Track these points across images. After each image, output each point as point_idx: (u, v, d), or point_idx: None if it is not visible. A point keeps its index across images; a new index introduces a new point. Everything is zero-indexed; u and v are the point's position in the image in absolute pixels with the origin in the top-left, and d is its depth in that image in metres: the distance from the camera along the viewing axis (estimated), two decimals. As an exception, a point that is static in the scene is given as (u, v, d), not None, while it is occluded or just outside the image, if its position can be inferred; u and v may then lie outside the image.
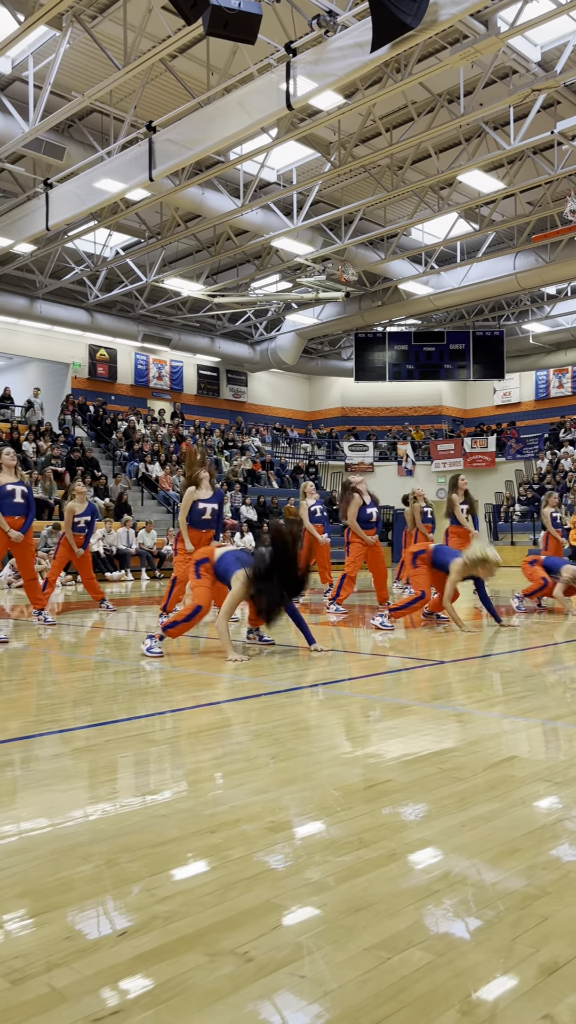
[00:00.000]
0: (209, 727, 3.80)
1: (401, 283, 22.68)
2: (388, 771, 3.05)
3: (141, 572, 18.17)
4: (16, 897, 1.98)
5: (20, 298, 22.57)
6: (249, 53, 11.72)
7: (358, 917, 1.86)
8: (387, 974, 1.61)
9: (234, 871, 2.13)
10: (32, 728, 3.83)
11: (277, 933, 1.79)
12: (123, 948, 1.73)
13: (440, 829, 2.42)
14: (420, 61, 12.33)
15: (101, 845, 2.32)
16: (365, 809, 2.61)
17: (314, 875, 2.09)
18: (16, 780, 2.98)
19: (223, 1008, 1.50)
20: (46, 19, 10.33)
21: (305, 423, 32.45)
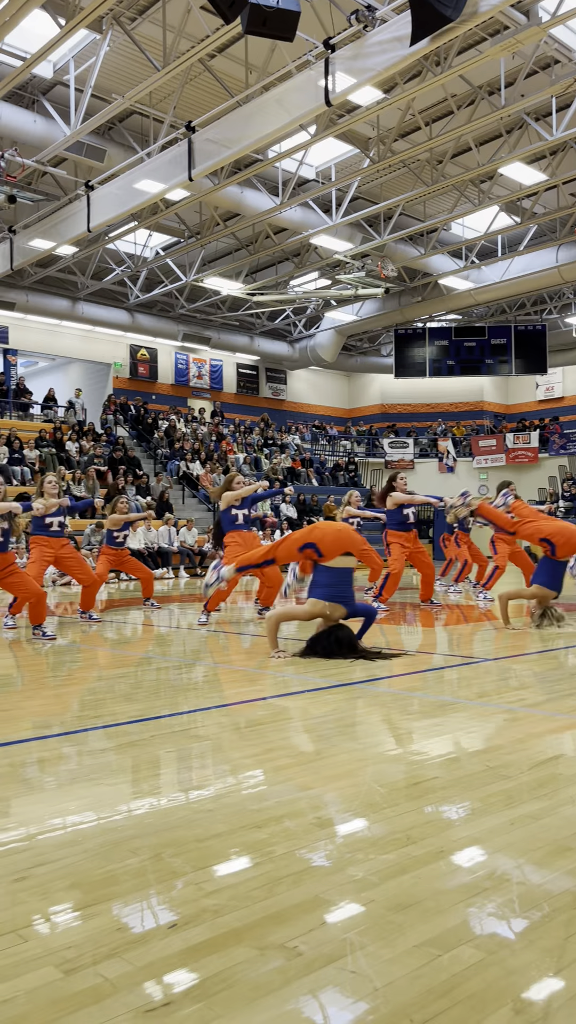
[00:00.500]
0: (253, 723, 3.81)
1: (441, 278, 22.50)
2: (433, 768, 3.03)
3: (180, 569, 18.30)
4: (67, 889, 2.01)
5: (62, 300, 22.86)
6: (287, 50, 11.72)
7: (406, 914, 1.85)
8: (438, 971, 1.60)
9: (281, 866, 2.13)
10: (78, 723, 3.87)
11: (325, 928, 1.79)
12: (173, 940, 1.74)
13: (487, 827, 2.40)
14: (460, 53, 12.22)
15: (148, 839, 2.34)
16: (411, 806, 2.59)
17: (361, 871, 2.09)
18: (64, 774, 3.02)
19: (273, 1002, 1.51)
20: (87, 22, 10.44)
21: (344, 420, 32.37)
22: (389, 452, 29.01)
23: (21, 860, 2.19)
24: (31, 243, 17.16)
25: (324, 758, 3.18)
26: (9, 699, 4.61)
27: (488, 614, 9.15)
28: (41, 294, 22.40)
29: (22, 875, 2.09)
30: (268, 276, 23.09)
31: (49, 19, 11.38)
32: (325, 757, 3.19)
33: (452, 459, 27.92)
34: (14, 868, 2.13)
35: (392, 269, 20.04)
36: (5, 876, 2.08)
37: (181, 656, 6.23)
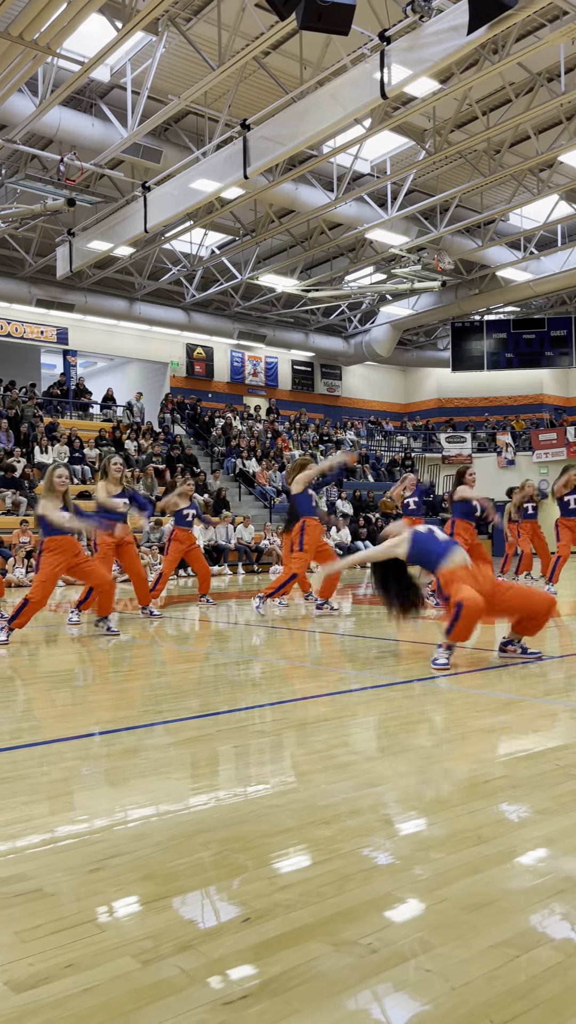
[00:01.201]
0: (317, 719, 3.81)
1: (499, 270, 22.18)
2: (502, 767, 2.99)
3: (238, 566, 18.40)
4: (140, 881, 2.04)
5: (120, 300, 23.18)
6: (342, 44, 11.68)
7: (481, 914, 1.83)
8: (516, 972, 1.58)
9: (351, 862, 2.13)
10: (142, 718, 3.92)
11: (399, 926, 1.78)
12: (247, 934, 1.75)
13: (561, 827, 2.35)
14: (518, 40, 12.01)
15: (217, 833, 2.36)
16: (480, 805, 2.56)
17: (432, 870, 2.07)
18: (131, 768, 3.06)
19: (350, 998, 1.50)
20: (143, 24, 10.55)
21: (400, 415, 32.15)
22: (446, 447, 28.71)
23: (96, 851, 2.23)
24: (90, 245, 17.44)
25: (389, 755, 3.16)
26: (75, 694, 4.70)
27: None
28: (99, 295, 22.75)
29: (97, 866, 2.13)
30: (323, 272, 23.05)
31: (106, 23, 11.52)
32: (390, 754, 3.18)
33: (511, 453, 27.50)
34: (89, 859, 2.17)
35: (448, 262, 19.83)
36: (80, 867, 2.12)
37: (239, 652, 6.27)
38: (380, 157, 16.93)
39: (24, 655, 6.44)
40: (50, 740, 3.52)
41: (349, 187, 16.80)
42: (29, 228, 18.80)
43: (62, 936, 1.75)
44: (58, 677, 5.27)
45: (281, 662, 5.73)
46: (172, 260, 22.15)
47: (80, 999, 1.51)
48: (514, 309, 26.87)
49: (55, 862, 2.17)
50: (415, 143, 15.75)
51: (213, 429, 24.66)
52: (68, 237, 18.16)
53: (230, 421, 25.26)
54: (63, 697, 4.58)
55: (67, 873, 2.09)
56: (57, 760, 3.22)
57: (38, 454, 19.34)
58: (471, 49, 10.33)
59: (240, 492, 22.41)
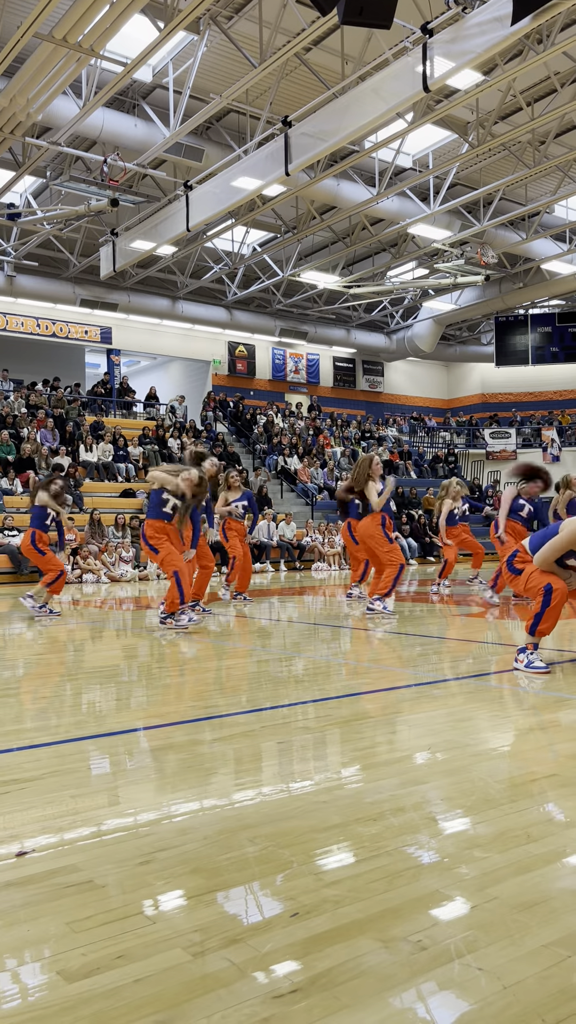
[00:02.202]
0: (362, 716, 3.80)
1: (544, 263, 21.86)
2: (551, 765, 2.95)
3: (280, 563, 18.44)
4: (188, 874, 2.05)
5: (163, 299, 23.36)
6: (384, 38, 11.61)
7: (532, 913, 1.81)
8: (569, 972, 1.56)
9: (399, 859, 2.12)
10: (188, 712, 3.95)
11: (448, 924, 1.77)
12: (296, 929, 1.75)
13: (612, 827, 2.32)
14: (563, 30, 11.83)
15: (264, 828, 2.37)
16: (529, 803, 2.53)
17: (480, 868, 2.05)
18: (180, 763, 3.09)
19: (399, 994, 1.50)
20: (184, 24, 10.59)
21: (443, 411, 31.90)
22: (490, 443, 28.42)
23: (144, 844, 2.25)
24: (133, 244, 17.59)
25: (436, 752, 3.14)
26: (121, 689, 4.75)
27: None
28: (142, 294, 22.95)
29: (147, 859, 2.15)
30: (365, 268, 22.96)
31: (148, 23, 11.60)
32: (437, 751, 3.16)
33: (557, 448, 27.11)
34: (139, 852, 2.20)
35: (492, 255, 19.61)
36: (131, 859, 2.15)
37: (282, 648, 6.28)
38: (422, 151, 16.80)
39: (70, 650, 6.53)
40: (96, 735, 3.56)
41: (391, 182, 16.71)
42: (73, 229, 19.04)
43: (113, 927, 1.77)
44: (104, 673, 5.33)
45: (324, 659, 5.73)
46: (214, 258, 22.25)
47: (132, 989, 1.52)
48: (560, 302, 26.48)
49: (104, 854, 2.20)
50: (458, 136, 15.59)
51: (255, 427, 24.73)
52: (111, 237, 18.35)
53: (272, 418, 25.30)
54: (108, 693, 4.64)
55: (116, 865, 2.11)
56: (103, 755, 3.26)
57: (83, 452, 19.59)
58: (515, 40, 10.19)
59: (282, 489, 22.45)
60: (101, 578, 15.22)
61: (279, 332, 25.80)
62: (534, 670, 4.80)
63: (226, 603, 10.05)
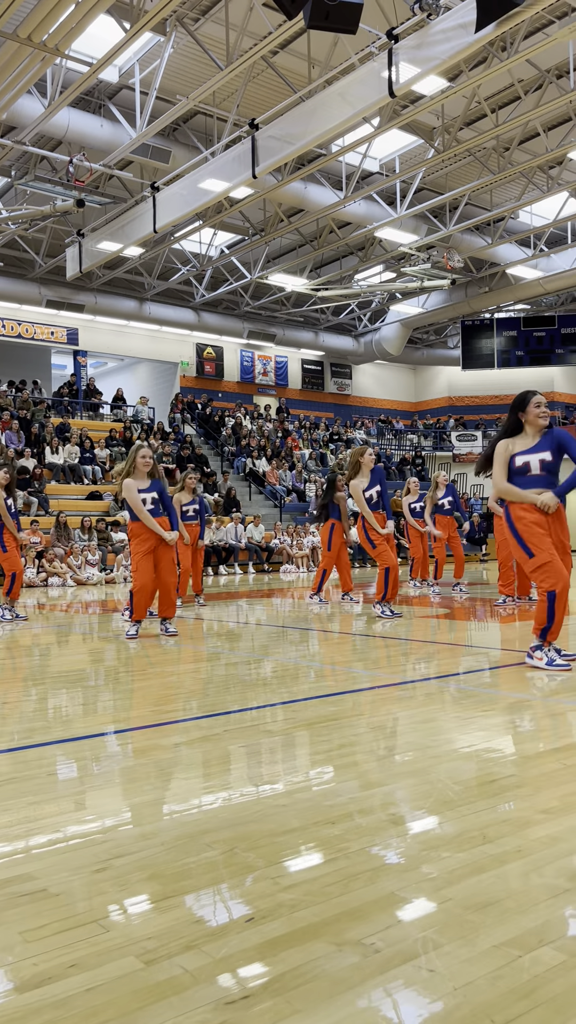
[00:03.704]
0: (325, 719, 3.81)
1: (509, 268, 22.11)
2: (509, 766, 2.99)
3: (248, 566, 18.42)
4: (145, 880, 2.04)
5: (130, 300, 23.23)
6: (350, 43, 11.66)
7: (485, 913, 1.83)
8: (518, 973, 1.58)
9: (356, 862, 2.13)
10: (152, 717, 3.93)
11: (402, 926, 1.78)
12: (250, 934, 1.75)
13: (568, 826, 2.35)
14: (527, 37, 11.98)
15: (224, 833, 2.37)
16: (487, 804, 2.56)
17: (437, 869, 2.07)
18: (141, 768, 3.07)
19: (351, 998, 1.51)
20: (151, 25, 10.56)
21: (411, 414, 32.10)
22: (457, 445, 28.64)
23: (101, 851, 2.24)
24: (99, 246, 17.49)
25: (397, 754, 3.16)
26: (85, 694, 4.72)
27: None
28: (109, 296, 22.81)
29: (103, 866, 2.13)
30: (332, 271, 23.04)
31: (114, 24, 11.56)
32: (398, 753, 3.17)
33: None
34: (96, 859, 2.18)
35: (458, 260, 19.79)
36: (86, 867, 2.13)
37: (249, 651, 6.27)
38: (389, 155, 16.90)
39: (36, 655, 6.47)
40: (58, 740, 3.53)
41: (358, 186, 16.79)
42: (39, 229, 18.88)
43: (66, 936, 1.76)
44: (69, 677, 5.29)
45: (290, 661, 5.73)
46: (182, 260, 22.19)
47: (83, 998, 1.51)
48: (524, 307, 26.78)
49: (61, 862, 2.18)
50: (424, 141, 15.72)
51: (223, 429, 24.69)
52: (78, 238, 18.22)
53: (240, 421, 25.28)
54: (72, 697, 4.60)
55: (73, 873, 2.10)
56: (64, 760, 3.23)
57: (49, 455, 19.42)
58: (479, 47, 10.29)
59: (250, 491, 22.43)
60: (67, 581, 15.09)
61: (247, 334, 25.79)
62: (557, 667, 4.85)
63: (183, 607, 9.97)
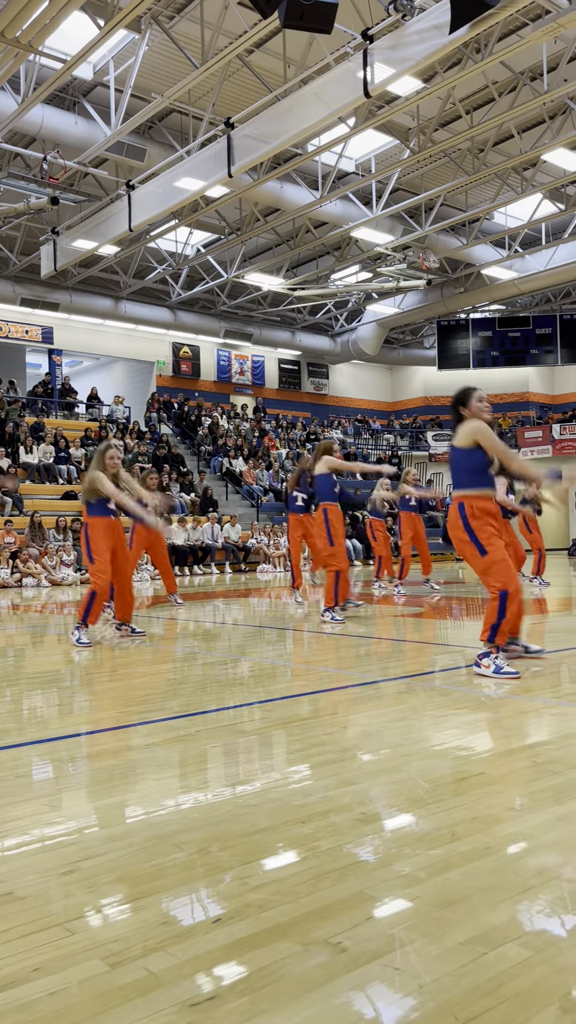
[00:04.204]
0: (297, 718, 3.81)
1: (484, 268, 22.23)
2: (479, 764, 3.00)
3: (225, 565, 18.38)
4: (113, 883, 2.03)
5: (105, 299, 23.10)
6: (325, 43, 11.66)
7: (452, 911, 1.83)
8: (484, 969, 1.58)
9: (325, 862, 2.13)
10: (125, 718, 3.91)
11: (370, 925, 1.78)
12: (217, 935, 1.75)
13: (536, 823, 2.36)
14: (501, 40, 12.04)
15: (194, 833, 2.36)
16: (457, 802, 2.57)
17: (405, 867, 2.07)
18: (111, 769, 3.05)
19: (317, 998, 1.50)
20: (125, 22, 10.50)
21: (387, 414, 32.20)
22: (433, 445, 28.78)
23: (69, 853, 2.22)
24: (74, 244, 17.37)
25: (368, 753, 3.17)
26: (59, 695, 4.68)
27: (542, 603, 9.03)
28: (84, 294, 22.66)
29: (70, 868, 2.12)
30: (309, 270, 23.05)
31: (88, 20, 11.48)
32: (369, 752, 3.18)
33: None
34: (62, 861, 2.16)
35: (434, 260, 19.87)
36: (53, 869, 2.11)
37: (225, 651, 6.26)
38: (365, 156, 16.93)
39: (9, 656, 6.41)
40: (29, 742, 3.50)
41: (334, 186, 16.80)
42: (12, 227, 18.71)
43: (31, 940, 1.74)
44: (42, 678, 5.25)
45: (265, 661, 5.72)
46: (157, 259, 22.10)
47: (46, 1003, 1.50)
48: (499, 307, 26.95)
49: (29, 864, 2.16)
50: (399, 142, 15.76)
51: (200, 428, 24.63)
52: (52, 236, 18.09)
53: (217, 420, 25.23)
54: (46, 698, 4.56)
55: (39, 876, 2.08)
56: (35, 762, 3.20)
57: (23, 454, 19.26)
58: (454, 48, 10.34)
59: (227, 491, 22.39)
60: (41, 582, 14.98)
61: (224, 333, 25.73)
62: (505, 675, 4.63)
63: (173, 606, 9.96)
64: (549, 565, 16.35)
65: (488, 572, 4.79)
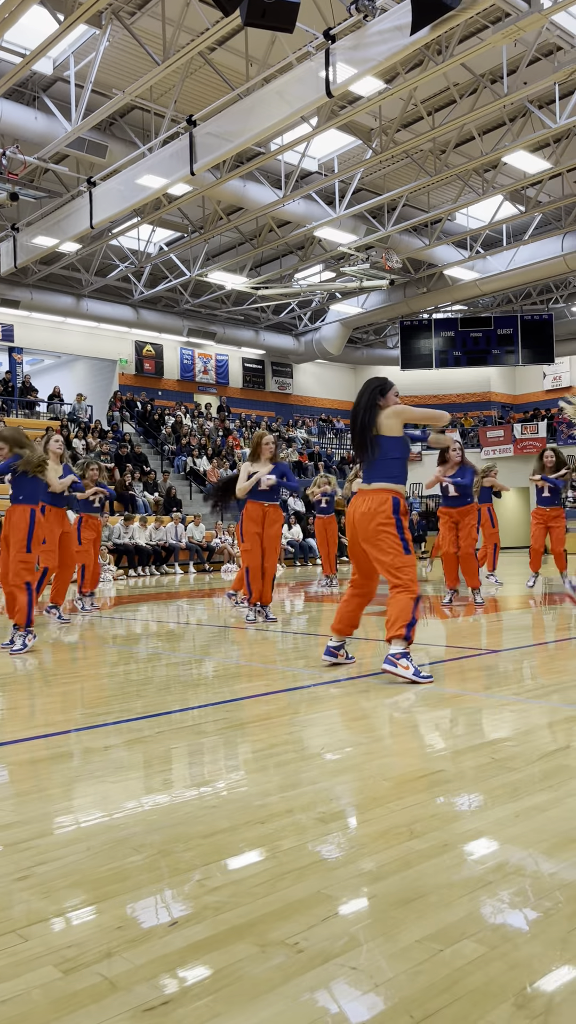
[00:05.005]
0: (259, 718, 3.80)
1: (446, 269, 22.42)
2: (439, 761, 3.02)
3: (189, 565, 18.31)
4: (68, 887, 2.00)
5: (67, 297, 22.87)
6: (287, 42, 11.66)
7: (410, 909, 1.84)
8: (440, 966, 1.59)
9: (284, 862, 2.12)
10: (84, 720, 3.87)
11: (327, 924, 1.78)
12: (174, 938, 1.73)
13: (493, 819, 2.38)
14: (461, 42, 12.13)
15: (153, 836, 2.34)
16: (416, 800, 2.58)
17: (365, 866, 2.08)
18: (69, 772, 3.02)
19: (274, 999, 1.50)
20: (85, 17, 10.41)
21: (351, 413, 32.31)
22: (396, 444, 28.90)
23: (23, 859, 2.18)
24: (34, 240, 17.16)
25: (329, 752, 3.17)
26: (15, 696, 4.62)
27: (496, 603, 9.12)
28: (45, 292, 22.42)
29: (24, 874, 2.08)
30: (272, 270, 23.04)
31: (48, 15, 11.35)
32: (330, 751, 3.18)
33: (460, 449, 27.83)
34: (16, 867, 2.13)
35: (397, 260, 19.98)
36: (7, 875, 2.08)
37: (189, 651, 6.23)
38: (327, 155, 16.97)
39: (-35, 658, 6.31)
40: (-15, 745, 3.45)
41: (297, 185, 16.81)
42: (-28, 223, 18.44)
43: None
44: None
45: (227, 662, 5.71)
46: (120, 256, 21.93)
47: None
48: (462, 308, 27.19)
49: (-18, 870, 2.12)
50: (362, 142, 15.83)
51: (163, 427, 24.50)
52: (12, 232, 17.85)
53: (180, 419, 25.12)
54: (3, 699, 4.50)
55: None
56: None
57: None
58: (415, 49, 10.41)
59: (191, 490, 22.31)
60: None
61: (187, 332, 25.63)
62: (424, 679, 4.50)
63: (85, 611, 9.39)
64: (509, 563, 16.55)
65: (402, 569, 4.64)
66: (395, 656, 4.55)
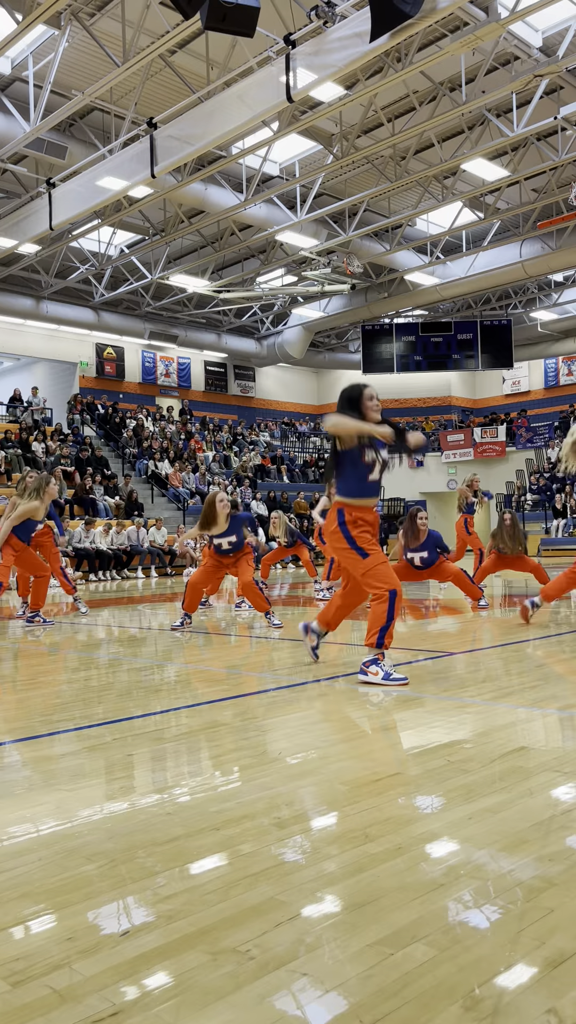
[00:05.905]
0: (215, 724, 3.79)
1: (407, 274, 22.59)
2: (396, 764, 3.03)
3: (151, 569, 18.20)
4: (18, 899, 1.98)
5: (26, 299, 22.63)
6: (248, 46, 11.68)
7: (362, 913, 1.84)
8: (390, 970, 1.59)
9: (238, 868, 2.11)
10: (38, 727, 3.83)
11: (280, 930, 1.78)
12: (125, 948, 1.72)
13: (447, 822, 2.40)
14: (421, 50, 12.25)
15: (106, 844, 2.32)
16: (372, 803, 2.59)
17: (317, 871, 2.08)
18: (23, 780, 2.98)
19: (224, 1007, 1.49)
20: (44, 17, 10.32)
21: (314, 417, 32.40)
22: (358, 448, 29.04)
23: (-27, 870, 2.15)
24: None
25: (287, 757, 3.17)
26: (-30, 705, 4.55)
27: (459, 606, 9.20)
28: (4, 293, 22.15)
29: (-27, 885, 2.05)
30: (234, 273, 23.03)
31: (6, 14, 11.23)
32: (288, 756, 3.18)
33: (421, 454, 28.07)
34: (-35, 878, 2.10)
35: (358, 265, 20.09)
36: (-44, 887, 2.05)
37: (151, 657, 6.19)
38: (289, 160, 17.02)
39: None
40: None
41: (258, 189, 16.83)
42: None
43: None
44: (-47, 688, 5.09)
45: (187, 666, 5.68)
46: (80, 258, 21.75)
47: None
48: (422, 313, 27.43)
49: None
50: (323, 147, 15.90)
51: (124, 430, 24.33)
52: (-30, 233, 17.60)
53: (142, 422, 24.97)
54: (-44, 709, 4.43)
55: None
56: (-57, 775, 3.10)
57: None
58: (375, 56, 10.48)
59: (153, 494, 22.19)
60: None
61: (149, 335, 25.49)
62: (394, 681, 4.53)
63: None
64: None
65: (370, 575, 4.66)
66: (366, 664, 4.67)
